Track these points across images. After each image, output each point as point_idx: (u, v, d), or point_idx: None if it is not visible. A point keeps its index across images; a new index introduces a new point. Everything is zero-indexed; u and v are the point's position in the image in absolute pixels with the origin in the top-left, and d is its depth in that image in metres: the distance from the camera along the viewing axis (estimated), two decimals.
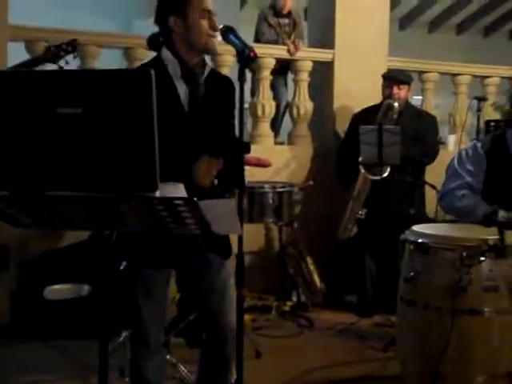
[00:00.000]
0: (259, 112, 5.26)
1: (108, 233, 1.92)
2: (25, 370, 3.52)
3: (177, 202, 1.79)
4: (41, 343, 3.86)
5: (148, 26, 2.33)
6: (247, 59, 2.13)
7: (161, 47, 2.41)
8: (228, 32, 2.27)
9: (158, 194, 1.82)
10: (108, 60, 4.88)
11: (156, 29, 2.44)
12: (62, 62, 3.36)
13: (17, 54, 4.47)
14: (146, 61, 4.58)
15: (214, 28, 2.35)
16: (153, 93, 1.73)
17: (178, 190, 2.01)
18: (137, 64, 4.92)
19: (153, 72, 1.72)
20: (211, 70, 2.47)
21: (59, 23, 5.96)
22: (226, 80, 2.51)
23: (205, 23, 2.34)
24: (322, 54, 5.56)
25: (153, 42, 2.44)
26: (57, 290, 3.98)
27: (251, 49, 2.15)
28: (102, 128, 1.78)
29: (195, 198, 1.77)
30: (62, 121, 1.76)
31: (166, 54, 2.38)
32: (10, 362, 3.59)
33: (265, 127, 5.34)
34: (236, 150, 2.30)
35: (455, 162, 3.33)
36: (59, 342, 3.81)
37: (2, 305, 4.11)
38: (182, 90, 2.36)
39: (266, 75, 5.35)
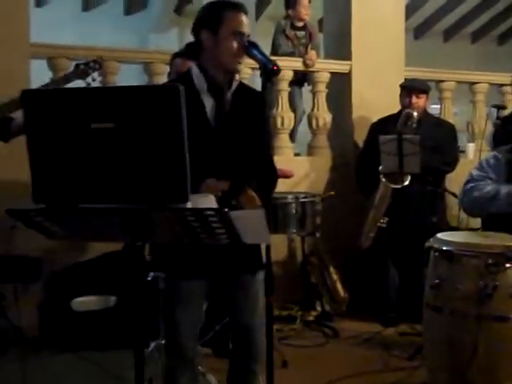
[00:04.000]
0: (278, 124, 5.30)
1: (140, 244, 1.96)
2: (55, 380, 3.57)
3: (208, 212, 1.83)
4: (69, 354, 3.91)
5: (164, 41, 2.37)
6: (270, 73, 2.16)
7: (195, 57, 2.43)
8: (251, 47, 2.31)
9: (189, 205, 1.86)
10: (126, 75, 4.97)
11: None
12: (89, 79, 3.46)
13: (38, 71, 4.59)
14: (165, 75, 4.76)
15: (241, 50, 2.33)
16: (182, 107, 1.78)
17: (209, 201, 2.04)
18: (156, 78, 5.00)
19: (182, 88, 1.77)
20: (240, 84, 2.46)
21: (77, 39, 6.08)
22: (256, 94, 2.47)
23: (234, 44, 2.32)
24: (339, 66, 5.60)
25: (189, 50, 2.47)
26: (84, 302, 4.05)
27: (274, 63, 2.18)
28: (133, 142, 1.82)
29: (226, 209, 1.80)
30: (96, 136, 1.80)
31: (194, 67, 2.41)
32: (39, 373, 3.61)
33: (284, 139, 5.37)
34: (265, 168, 2.33)
35: (475, 170, 3.35)
36: (87, 353, 3.86)
37: (31, 316, 4.15)
38: (209, 104, 2.37)
39: (284, 87, 5.39)
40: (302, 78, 5.84)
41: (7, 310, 4.00)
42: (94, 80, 3.45)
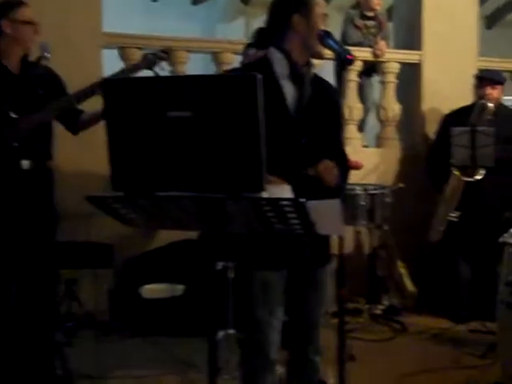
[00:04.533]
0: (347, 114, 5.23)
1: (215, 233, 1.96)
2: (125, 364, 3.64)
3: (284, 202, 1.81)
4: (138, 339, 4.01)
5: (230, 30, 2.35)
6: (345, 62, 2.13)
7: (268, 44, 2.38)
8: (325, 36, 2.27)
9: (264, 194, 1.85)
10: (191, 64, 4.99)
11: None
12: (156, 69, 3.47)
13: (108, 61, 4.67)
14: (232, 65, 4.76)
15: None
16: (259, 97, 1.76)
17: (284, 191, 2.02)
18: (224, 68, 5.00)
19: (259, 77, 1.74)
20: (315, 74, 2.42)
21: (145, 28, 6.15)
22: (331, 86, 2.45)
23: (323, 27, 2.31)
24: (409, 56, 5.51)
25: (259, 37, 2.44)
26: (152, 289, 4.14)
27: (349, 52, 2.15)
28: (210, 131, 1.82)
29: (303, 199, 1.78)
30: (172, 124, 1.81)
31: (274, 52, 2.35)
32: (110, 356, 3.71)
33: (353, 129, 5.32)
34: (340, 158, 2.29)
35: None
36: (156, 339, 3.94)
37: (101, 301, 4.26)
38: (289, 90, 2.32)
39: (353, 77, 5.33)
40: (371, 68, 5.75)
41: (79, 295, 4.11)
42: (162, 69, 3.44)
